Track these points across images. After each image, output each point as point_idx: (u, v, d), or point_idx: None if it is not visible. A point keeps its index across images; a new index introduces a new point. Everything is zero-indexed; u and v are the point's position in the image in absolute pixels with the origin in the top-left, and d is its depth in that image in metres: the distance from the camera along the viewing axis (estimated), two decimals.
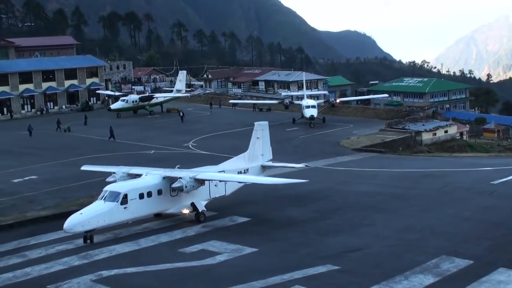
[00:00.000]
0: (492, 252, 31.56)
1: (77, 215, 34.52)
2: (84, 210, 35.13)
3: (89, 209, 35.18)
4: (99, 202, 35.63)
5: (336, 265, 29.89)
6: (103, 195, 35.94)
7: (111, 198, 35.51)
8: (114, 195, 35.64)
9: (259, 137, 46.37)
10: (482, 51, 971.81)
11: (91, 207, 35.45)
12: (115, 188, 36.38)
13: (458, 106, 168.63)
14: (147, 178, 38.45)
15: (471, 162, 63.26)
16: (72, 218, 34.33)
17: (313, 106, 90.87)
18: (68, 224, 33.99)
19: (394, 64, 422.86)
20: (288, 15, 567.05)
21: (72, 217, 34.42)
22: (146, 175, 38.85)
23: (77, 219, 34.28)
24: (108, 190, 36.17)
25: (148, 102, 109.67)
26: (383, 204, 43.12)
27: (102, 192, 36.28)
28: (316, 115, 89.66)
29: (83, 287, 28.52)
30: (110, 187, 36.76)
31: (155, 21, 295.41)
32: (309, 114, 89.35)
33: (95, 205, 35.48)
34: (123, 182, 38.45)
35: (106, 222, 35.36)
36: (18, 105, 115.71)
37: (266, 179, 42.95)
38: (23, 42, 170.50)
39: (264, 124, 47.40)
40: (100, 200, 35.71)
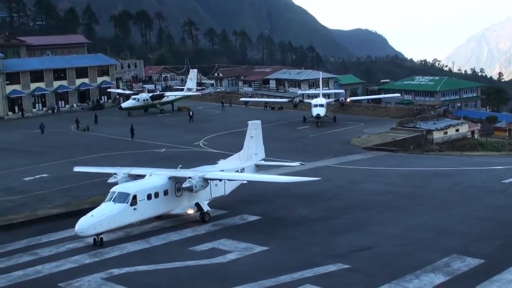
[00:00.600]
0: (503, 251, 31.48)
1: (88, 218, 33.93)
2: (95, 212, 34.47)
3: (100, 211, 34.57)
4: (109, 203, 35.05)
5: (346, 264, 29.88)
6: (111, 196, 35.40)
7: (120, 199, 35.01)
8: (123, 196, 35.18)
9: (252, 136, 45.48)
10: (493, 49, 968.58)
11: (101, 208, 34.85)
12: (124, 189, 35.89)
13: (470, 104, 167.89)
14: (153, 178, 37.97)
15: (482, 161, 63.06)
16: (83, 221, 33.71)
17: (321, 105, 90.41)
18: (80, 227, 33.43)
19: (405, 63, 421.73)
20: (299, 13, 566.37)
21: (83, 220, 33.78)
22: (150, 176, 38.35)
23: (89, 221, 33.69)
24: (116, 191, 35.65)
25: (159, 101, 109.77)
26: (394, 203, 43.05)
27: (109, 193, 35.75)
28: (323, 114, 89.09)
29: (94, 285, 28.60)
30: (118, 188, 36.32)
31: (166, 20, 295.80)
32: (316, 113, 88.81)
33: (105, 207, 34.91)
34: (130, 183, 37.94)
35: (117, 224, 35.04)
36: (30, 103, 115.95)
37: (277, 178, 43.01)
38: (34, 41, 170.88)
39: (257, 123, 46.43)
40: (109, 201, 35.15)
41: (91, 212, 34.51)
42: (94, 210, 34.93)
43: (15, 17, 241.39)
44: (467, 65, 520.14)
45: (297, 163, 48.74)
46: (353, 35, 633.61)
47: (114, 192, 35.58)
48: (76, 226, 33.47)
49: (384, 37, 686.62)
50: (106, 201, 35.36)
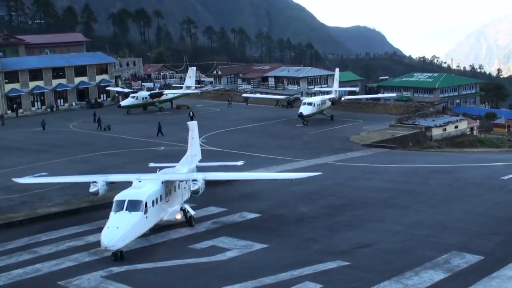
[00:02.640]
0: (503, 247, 31.50)
1: (114, 230, 31.05)
2: (116, 223, 31.54)
3: (120, 221, 31.65)
4: (123, 213, 32.13)
5: (346, 261, 29.90)
6: (120, 205, 32.52)
7: (134, 208, 32.41)
8: (136, 204, 32.68)
9: (193, 137, 44.28)
10: (492, 45, 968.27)
11: (118, 219, 31.89)
12: (135, 197, 33.15)
13: (468, 101, 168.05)
14: (151, 184, 35.59)
15: (481, 158, 63.12)
16: (110, 234, 30.89)
17: (310, 103, 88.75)
18: (110, 241, 30.60)
19: (404, 60, 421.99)
20: (297, 11, 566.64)
21: (109, 233, 30.95)
22: (140, 181, 35.99)
23: (116, 234, 30.91)
24: (126, 199, 32.78)
25: (158, 99, 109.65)
26: (393, 200, 43.08)
27: (116, 202, 32.84)
28: (307, 113, 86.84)
29: (94, 283, 28.62)
30: (126, 195, 33.33)
31: (164, 18, 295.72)
32: (299, 111, 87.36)
33: (122, 217, 32.01)
34: (137, 189, 34.99)
35: (137, 234, 32.72)
36: (28, 102, 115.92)
37: (280, 175, 43.06)
38: (33, 39, 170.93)
39: (195, 123, 44.97)
40: (122, 211, 32.23)
41: (111, 224, 31.57)
42: (110, 221, 31.87)
43: (13, 15, 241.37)
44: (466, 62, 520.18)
45: (241, 162, 46.08)
46: (352, 32, 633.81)
47: (123, 200, 32.79)
48: (103, 240, 30.72)
49: (383, 34, 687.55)
50: (117, 211, 32.41)
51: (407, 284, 26.80)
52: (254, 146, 70.35)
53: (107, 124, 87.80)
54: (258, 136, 78.39)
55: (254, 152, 66.70)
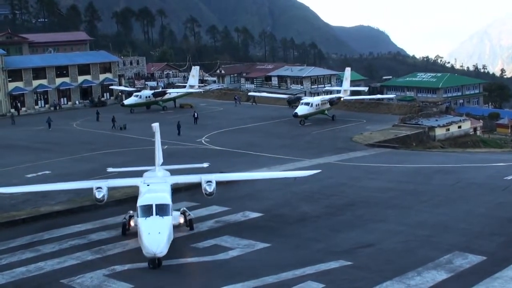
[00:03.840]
0: (505, 248, 31.51)
1: (158, 236, 29.79)
2: (155, 229, 30.22)
3: (157, 227, 30.44)
4: (156, 218, 31.01)
5: (348, 261, 29.92)
6: (148, 210, 31.42)
7: (163, 212, 31.50)
8: (164, 208, 31.80)
9: (154, 140, 43.49)
10: (495, 46, 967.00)
11: (153, 224, 30.59)
12: (161, 201, 32.17)
13: (472, 101, 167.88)
14: (163, 186, 35.02)
15: (484, 158, 63.08)
16: (157, 241, 29.59)
17: (307, 103, 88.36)
18: (157, 248, 29.26)
19: (407, 59, 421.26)
20: (301, 10, 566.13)
21: (155, 240, 29.62)
22: (148, 185, 34.91)
23: (161, 240, 29.79)
24: (152, 203, 31.73)
25: (161, 98, 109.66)
26: (396, 200, 43.07)
27: (142, 208, 31.71)
28: (302, 113, 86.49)
29: (96, 281, 28.68)
30: (151, 200, 32.22)
31: (168, 17, 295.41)
32: (294, 111, 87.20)
33: (157, 222, 30.79)
34: (157, 192, 33.88)
35: (171, 238, 31.52)
36: (32, 100, 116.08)
37: (283, 174, 43.11)
38: (36, 38, 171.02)
39: (157, 125, 43.83)
40: (153, 216, 31.11)
41: (150, 230, 30.22)
42: (146, 227, 30.56)
43: (17, 14, 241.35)
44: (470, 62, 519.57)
45: (206, 164, 44.96)
46: (355, 31, 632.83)
47: (150, 205, 31.73)
48: (151, 248, 29.27)
49: (386, 34, 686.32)
50: (147, 216, 31.26)
51: (410, 284, 26.82)
52: (257, 146, 70.37)
53: (123, 124, 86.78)
54: (261, 136, 78.41)
55: (257, 151, 66.75)
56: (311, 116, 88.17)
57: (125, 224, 35.50)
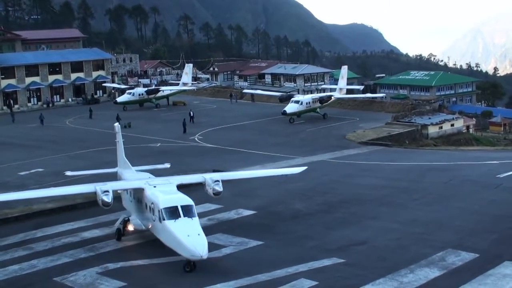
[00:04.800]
0: (498, 245, 31.58)
1: (198, 238, 29.08)
2: (191, 231, 29.45)
3: (192, 228, 29.69)
4: (186, 219, 30.05)
5: (341, 258, 29.96)
6: (174, 211, 30.25)
7: (190, 213, 30.54)
8: (190, 208, 30.82)
9: (119, 141, 42.19)
10: (489, 44, 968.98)
11: (188, 225, 29.77)
12: (184, 202, 31.07)
13: (465, 99, 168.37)
14: (171, 187, 33.85)
15: (477, 156, 63.17)
16: (200, 243, 28.77)
17: (297, 101, 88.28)
18: (203, 250, 28.45)
19: (400, 57, 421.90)
20: (294, 8, 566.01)
21: (198, 242, 28.79)
22: (155, 187, 33.35)
23: (204, 241, 29.02)
24: (177, 205, 30.54)
25: (155, 95, 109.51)
26: (389, 197, 43.12)
27: (168, 210, 30.35)
28: (291, 111, 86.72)
29: (89, 279, 28.66)
30: (174, 201, 31.00)
31: (161, 14, 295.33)
32: (283, 109, 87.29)
33: (190, 223, 29.99)
34: (175, 194, 32.89)
35: None
36: (24, 98, 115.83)
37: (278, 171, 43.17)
38: (29, 35, 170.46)
39: (118, 125, 42.48)
40: (182, 217, 30.04)
41: (189, 232, 29.32)
42: (181, 230, 29.48)
43: (10, 11, 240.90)
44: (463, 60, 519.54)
45: (167, 165, 44.87)
46: (349, 29, 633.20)
47: (175, 206, 30.53)
48: (198, 251, 28.38)
49: (380, 32, 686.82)
50: (176, 218, 30.07)
51: (402, 282, 26.87)
52: (251, 143, 70.34)
53: (127, 122, 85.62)
54: (254, 133, 78.41)
55: (251, 149, 66.72)
56: (302, 114, 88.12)
57: (120, 229, 34.63)
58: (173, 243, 29.57)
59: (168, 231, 30.03)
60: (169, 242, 29.96)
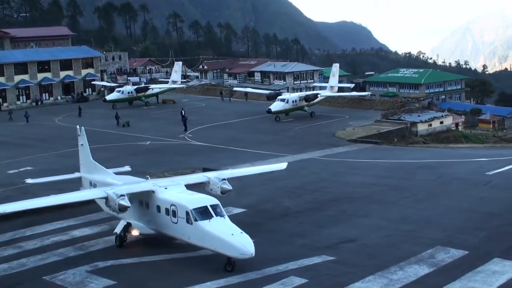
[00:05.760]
0: (487, 242, 31.64)
1: (242, 236, 28.69)
2: (233, 230, 29.14)
3: (230, 227, 29.38)
4: (219, 219, 29.74)
5: (331, 256, 29.97)
6: (205, 211, 29.80)
7: (220, 212, 30.22)
8: (217, 208, 30.40)
9: (83, 144, 41.79)
10: (478, 42, 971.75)
11: (224, 225, 29.50)
12: (211, 201, 30.72)
13: (454, 97, 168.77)
14: (181, 188, 33.32)
15: (466, 153, 63.33)
16: (247, 241, 28.40)
17: (283, 99, 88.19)
18: (251, 248, 28.05)
19: (390, 55, 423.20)
20: (284, 5, 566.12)
21: (244, 240, 28.41)
22: (166, 188, 32.55)
23: (250, 239, 28.64)
24: (206, 205, 30.14)
25: (144, 93, 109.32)
26: (379, 195, 43.16)
27: (198, 210, 29.80)
28: (277, 109, 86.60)
29: (79, 278, 28.59)
30: (202, 201, 30.60)
31: (150, 12, 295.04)
32: (268, 107, 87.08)
33: (224, 223, 29.70)
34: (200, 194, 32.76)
35: None
36: (14, 96, 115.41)
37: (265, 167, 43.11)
38: (18, 32, 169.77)
39: (83, 128, 41.80)
40: (216, 217, 29.66)
41: (233, 231, 29.04)
42: (221, 229, 29.11)
43: None
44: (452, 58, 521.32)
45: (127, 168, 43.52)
46: (338, 27, 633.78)
47: (205, 206, 30.11)
48: (248, 249, 28.02)
49: (369, 30, 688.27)
50: (209, 218, 29.60)
51: (392, 279, 26.91)
52: (240, 141, 70.32)
53: (126, 121, 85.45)
54: (244, 131, 78.39)
55: (240, 147, 66.69)
56: (290, 113, 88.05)
57: (122, 236, 33.17)
58: (215, 243, 28.85)
59: (204, 232, 29.34)
60: (208, 242, 29.23)
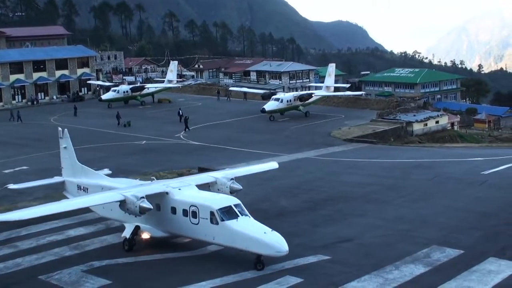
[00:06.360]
0: (482, 242, 31.68)
1: (274, 234, 28.59)
2: (263, 228, 29.05)
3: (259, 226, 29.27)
4: (246, 218, 29.68)
5: (327, 255, 29.96)
6: (230, 211, 29.64)
7: (244, 211, 30.07)
8: (240, 207, 30.27)
9: (66, 146, 40.70)
10: (473, 41, 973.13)
11: (252, 223, 29.42)
12: (233, 201, 30.57)
13: (449, 96, 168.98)
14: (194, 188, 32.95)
15: (462, 153, 63.40)
16: (280, 238, 28.33)
17: (277, 99, 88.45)
18: (286, 245, 28.17)
19: (385, 55, 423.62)
20: (279, 5, 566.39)
21: (277, 237, 28.36)
22: (179, 189, 32.18)
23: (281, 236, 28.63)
24: (230, 204, 29.98)
25: (139, 93, 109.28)
26: (374, 194, 43.16)
27: (223, 210, 29.62)
28: (272, 108, 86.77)
29: (74, 277, 28.54)
30: (225, 201, 30.47)
31: (146, 11, 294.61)
32: (262, 107, 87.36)
33: (252, 221, 29.66)
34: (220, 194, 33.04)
35: None
36: (9, 95, 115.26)
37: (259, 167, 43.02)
38: (14, 32, 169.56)
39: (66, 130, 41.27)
40: (242, 216, 29.58)
41: (265, 229, 28.93)
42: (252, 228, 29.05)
43: None
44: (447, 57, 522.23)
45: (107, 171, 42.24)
46: (334, 27, 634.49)
47: (229, 206, 29.93)
48: (283, 246, 28.11)
49: (365, 29, 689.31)
50: (236, 217, 29.41)
51: (388, 278, 26.92)
52: (236, 141, 70.33)
53: (127, 121, 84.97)
54: (239, 131, 78.41)
55: (236, 146, 66.72)
56: (285, 112, 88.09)
57: (131, 239, 32.38)
58: (246, 242, 28.64)
59: (233, 232, 29.11)
60: (238, 242, 28.98)
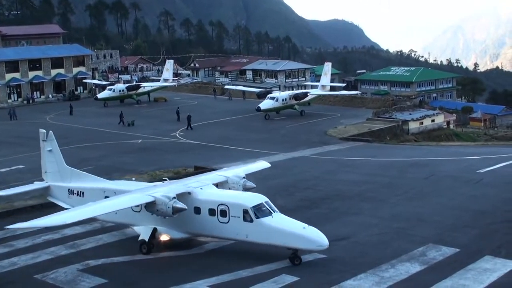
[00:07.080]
0: (478, 240, 31.75)
1: (314, 228, 28.97)
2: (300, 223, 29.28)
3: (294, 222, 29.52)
4: (279, 214, 29.84)
5: (323, 254, 29.92)
6: (262, 208, 29.60)
7: (274, 208, 30.19)
8: (270, 204, 30.15)
9: (51, 149, 40.63)
10: (469, 40, 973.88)
11: (286, 220, 29.54)
12: (263, 198, 30.33)
13: (445, 95, 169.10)
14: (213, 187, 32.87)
15: (457, 151, 63.48)
16: (319, 233, 28.70)
17: (272, 98, 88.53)
18: (326, 239, 28.58)
19: (381, 53, 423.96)
20: (275, 4, 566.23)
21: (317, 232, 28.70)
22: (201, 189, 31.86)
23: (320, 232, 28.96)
24: (261, 202, 29.87)
25: (135, 91, 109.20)
26: (370, 193, 43.20)
27: (257, 207, 29.52)
28: (267, 107, 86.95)
29: (70, 276, 28.51)
30: (257, 199, 30.20)
31: (142, 10, 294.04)
32: (257, 105, 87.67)
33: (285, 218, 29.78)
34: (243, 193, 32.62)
35: None
36: (5, 94, 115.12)
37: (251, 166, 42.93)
38: (9, 30, 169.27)
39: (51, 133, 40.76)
40: (275, 212, 29.75)
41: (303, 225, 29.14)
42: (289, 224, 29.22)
43: None
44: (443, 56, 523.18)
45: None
46: (330, 25, 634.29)
47: (261, 203, 29.84)
48: (324, 240, 28.47)
49: (360, 28, 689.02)
50: (269, 215, 29.45)
51: (384, 277, 26.95)
52: (232, 139, 70.33)
53: (131, 120, 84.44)
54: (235, 129, 78.40)
55: (232, 145, 66.74)
56: (281, 111, 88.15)
57: (149, 242, 31.63)
58: (285, 238, 28.69)
59: (270, 228, 29.09)
60: (275, 238, 28.94)
